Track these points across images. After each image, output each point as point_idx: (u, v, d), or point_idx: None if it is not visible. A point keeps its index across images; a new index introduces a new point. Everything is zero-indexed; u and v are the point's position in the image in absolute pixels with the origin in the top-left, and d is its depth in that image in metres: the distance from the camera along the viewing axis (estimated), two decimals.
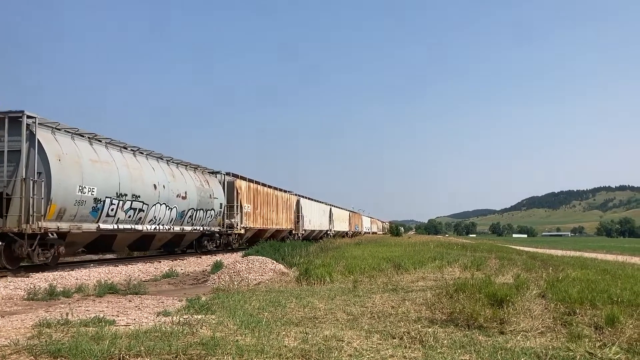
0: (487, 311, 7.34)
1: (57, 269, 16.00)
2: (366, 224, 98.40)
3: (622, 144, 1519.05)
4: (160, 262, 20.41)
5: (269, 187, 36.62)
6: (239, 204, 29.77)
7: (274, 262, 15.18)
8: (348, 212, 74.30)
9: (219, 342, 5.65)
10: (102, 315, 7.82)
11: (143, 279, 15.05)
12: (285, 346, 5.60)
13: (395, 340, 6.18)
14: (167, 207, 21.81)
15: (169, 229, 22.42)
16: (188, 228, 24.38)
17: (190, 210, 24.13)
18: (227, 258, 23.07)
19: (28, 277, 13.53)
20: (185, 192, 23.44)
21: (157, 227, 21.36)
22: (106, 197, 17.56)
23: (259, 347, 5.50)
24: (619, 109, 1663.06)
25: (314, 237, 49.81)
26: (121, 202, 18.50)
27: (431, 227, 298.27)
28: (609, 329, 6.61)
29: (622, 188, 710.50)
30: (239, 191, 29.95)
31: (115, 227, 18.54)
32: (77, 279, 14.11)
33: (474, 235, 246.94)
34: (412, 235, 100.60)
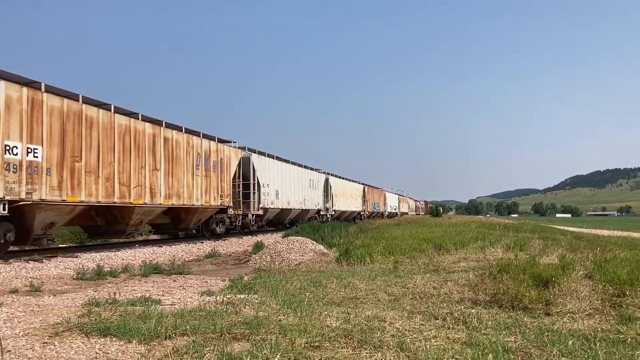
0: (532, 292, 7.21)
1: (103, 249, 16.48)
2: (392, 203, 79.25)
3: None
4: (202, 242, 20.78)
5: (147, 120, 18.30)
6: None
7: (314, 242, 15.25)
8: (362, 186, 56.22)
9: (262, 322, 5.72)
10: (148, 294, 8.04)
11: (186, 259, 15.37)
12: (327, 326, 5.62)
13: (438, 321, 6.14)
14: None
15: None
16: None
17: None
18: (267, 239, 22.54)
19: (77, 257, 13.98)
20: None
21: None
22: None
23: (302, 326, 5.54)
24: None
25: (290, 219, 33.18)
26: None
27: (472, 208, 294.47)
28: None
29: None
30: None
31: None
32: (123, 259, 14.51)
33: (516, 216, 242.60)
34: (453, 216, 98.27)
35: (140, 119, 17.86)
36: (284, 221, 32.68)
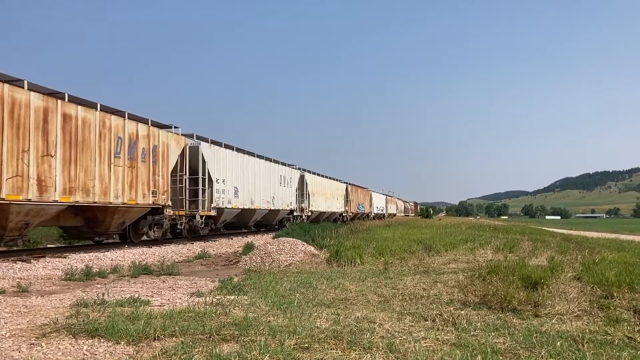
0: (521, 294, 7.24)
1: (92, 250, 16.37)
2: (378, 204, 73.81)
3: None
4: (192, 243, 20.69)
5: (36, 90, 13.74)
6: None
7: (304, 243, 15.24)
8: (344, 185, 51.47)
9: (252, 323, 5.70)
10: (137, 295, 7.98)
11: (176, 260, 15.29)
12: (317, 327, 5.61)
13: (427, 322, 6.15)
14: None
15: None
16: None
17: None
18: (257, 239, 22.41)
19: (65, 257, 13.88)
20: None
21: None
22: None
23: (291, 328, 5.53)
24: None
25: (256, 221, 29.42)
26: None
27: (462, 209, 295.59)
28: None
29: None
30: None
31: None
32: (112, 260, 14.43)
33: (506, 217, 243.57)
34: (443, 217, 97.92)
35: (25, 87, 13.30)
36: (247, 223, 28.45)
